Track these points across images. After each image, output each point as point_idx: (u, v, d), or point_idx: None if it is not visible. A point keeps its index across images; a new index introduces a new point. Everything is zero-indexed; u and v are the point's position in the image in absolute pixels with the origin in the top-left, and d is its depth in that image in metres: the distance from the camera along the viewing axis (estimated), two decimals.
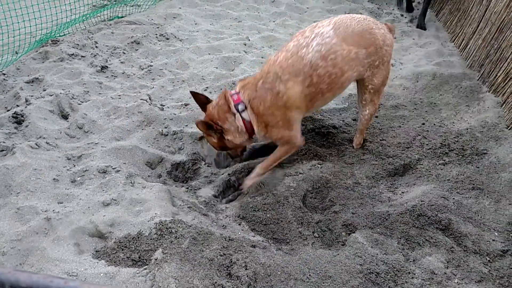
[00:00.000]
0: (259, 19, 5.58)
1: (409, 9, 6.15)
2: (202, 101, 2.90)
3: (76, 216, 2.54)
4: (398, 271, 2.31)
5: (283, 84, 2.70)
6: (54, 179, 2.80)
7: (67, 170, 2.92)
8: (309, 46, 2.74)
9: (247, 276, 2.19)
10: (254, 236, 2.58)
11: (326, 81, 2.77)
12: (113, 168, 2.88)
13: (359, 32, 2.84)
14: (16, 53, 4.15)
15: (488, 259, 2.46)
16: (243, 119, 2.78)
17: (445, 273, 2.32)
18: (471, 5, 4.88)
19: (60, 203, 2.65)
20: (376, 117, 3.67)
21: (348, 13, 4.59)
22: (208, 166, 3.18)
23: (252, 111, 2.77)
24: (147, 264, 2.25)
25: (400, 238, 2.53)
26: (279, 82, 2.70)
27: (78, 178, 2.86)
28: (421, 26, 5.54)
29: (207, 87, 3.98)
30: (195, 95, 2.89)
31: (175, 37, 4.85)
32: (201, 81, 4.07)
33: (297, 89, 2.72)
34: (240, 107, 2.76)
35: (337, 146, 3.29)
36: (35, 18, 4.19)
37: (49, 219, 2.49)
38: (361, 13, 5.85)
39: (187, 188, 2.92)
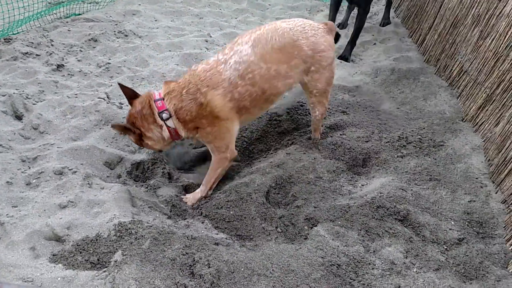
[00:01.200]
0: (221, 16, 5.55)
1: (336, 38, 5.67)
2: (129, 95, 2.80)
3: (31, 220, 2.45)
4: (359, 263, 2.35)
5: (203, 96, 2.65)
6: (7, 182, 2.69)
7: (22, 172, 2.81)
8: (227, 63, 2.71)
9: (210, 274, 2.17)
10: (217, 234, 2.57)
11: (247, 99, 2.75)
12: (69, 169, 2.79)
13: (279, 48, 2.78)
14: None
15: (445, 247, 2.54)
16: (167, 126, 2.72)
17: (404, 262, 2.38)
18: (427, 1, 5.02)
19: (15, 206, 2.54)
20: (330, 111, 3.71)
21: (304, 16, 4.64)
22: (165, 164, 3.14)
23: (178, 120, 2.71)
24: (106, 267, 2.20)
25: (360, 230, 2.57)
26: (199, 93, 2.65)
27: (34, 181, 2.76)
28: (345, 57, 4.80)
29: None
30: (122, 88, 2.79)
31: (134, 34, 4.75)
32: (161, 78, 4.00)
33: (218, 102, 2.68)
34: (165, 115, 2.67)
35: (299, 141, 3.31)
36: None
37: (3, 223, 2.39)
38: (322, 10, 5.92)
39: (147, 187, 2.87)
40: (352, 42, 4.75)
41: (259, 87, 2.75)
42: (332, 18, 4.94)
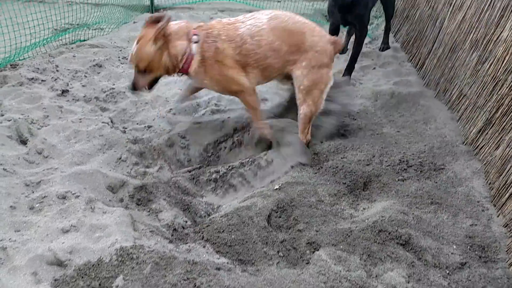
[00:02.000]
0: None
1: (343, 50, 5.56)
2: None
3: (34, 244, 2.45)
4: None
5: (221, 43, 3.13)
6: (11, 206, 2.71)
7: (25, 196, 2.83)
8: (244, 22, 3.22)
9: None
10: (219, 259, 2.56)
11: (252, 57, 3.21)
12: (73, 194, 2.82)
13: (289, 30, 3.27)
14: None
15: (447, 271, 2.53)
16: (191, 49, 3.10)
17: (406, 287, 2.37)
18: (426, 26, 5.12)
19: (17, 231, 2.55)
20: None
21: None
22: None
23: (199, 50, 3.12)
24: None
25: (363, 254, 2.57)
26: (219, 39, 3.13)
27: (37, 205, 2.77)
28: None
29: (171, 109, 3.98)
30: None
31: None
32: (165, 103, 4.06)
33: (229, 51, 3.15)
34: (195, 38, 3.10)
35: (300, 165, 3.34)
36: None
37: (5, 248, 2.40)
38: None
39: (149, 211, 2.89)
40: (351, 66, 4.78)
41: (262, 51, 3.21)
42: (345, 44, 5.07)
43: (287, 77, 3.48)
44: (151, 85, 3.25)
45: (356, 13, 4.51)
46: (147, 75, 3.13)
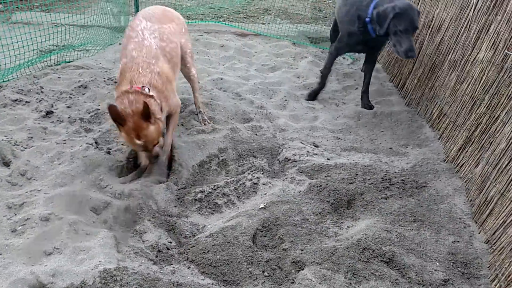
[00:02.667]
0: (209, 63, 5.72)
1: None
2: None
3: (15, 267, 2.42)
4: None
5: (156, 65, 3.20)
6: None
7: (7, 219, 2.80)
8: (144, 39, 3.31)
9: None
10: (203, 279, 2.55)
11: (174, 54, 3.51)
12: (56, 216, 2.79)
13: (162, 13, 3.70)
14: None
15: None
16: (154, 97, 3.12)
17: None
18: None
19: None
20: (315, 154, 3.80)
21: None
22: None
23: (155, 90, 3.14)
24: None
25: (347, 273, 2.58)
26: (152, 65, 3.18)
27: (19, 228, 2.74)
28: (369, 106, 4.79)
29: None
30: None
31: None
32: None
33: (166, 65, 3.32)
34: (147, 89, 3.07)
35: (284, 183, 3.36)
36: None
37: None
38: (306, 57, 6.14)
39: (133, 233, 2.87)
40: (367, 90, 4.87)
41: (173, 41, 3.55)
42: (328, 68, 4.96)
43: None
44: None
45: (382, 42, 4.71)
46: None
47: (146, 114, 2.93)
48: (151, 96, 3.09)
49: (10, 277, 2.35)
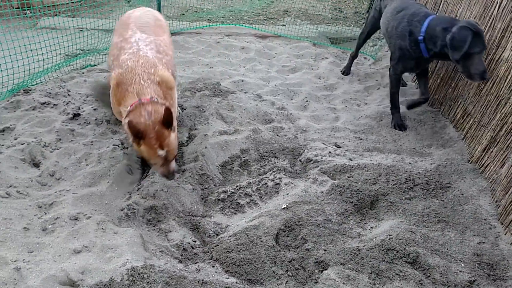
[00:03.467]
0: (230, 65, 5.77)
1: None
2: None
3: (46, 265, 2.51)
4: None
5: (156, 74, 3.09)
6: (24, 228, 2.78)
7: (38, 218, 2.90)
8: (139, 50, 3.20)
9: None
10: (227, 278, 2.59)
11: (171, 63, 3.39)
12: (84, 215, 2.88)
13: (155, 23, 3.60)
14: None
15: None
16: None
17: None
18: None
19: (31, 252, 2.61)
20: (338, 155, 3.80)
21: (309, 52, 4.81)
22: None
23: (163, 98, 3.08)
24: None
25: (371, 273, 2.59)
26: (151, 74, 3.06)
27: (49, 226, 2.83)
28: (401, 124, 4.40)
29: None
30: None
31: None
32: None
33: (166, 72, 3.18)
34: (155, 100, 2.96)
35: (307, 184, 3.38)
36: (7, 69, 4.24)
37: (19, 269, 2.45)
38: (326, 57, 6.14)
39: (159, 231, 2.93)
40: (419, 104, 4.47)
41: (168, 52, 3.46)
42: (396, 91, 4.49)
43: None
44: None
45: (431, 61, 4.33)
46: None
47: (168, 121, 2.85)
48: (164, 105, 2.97)
49: (42, 274, 2.44)
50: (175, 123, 3.05)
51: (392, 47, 4.35)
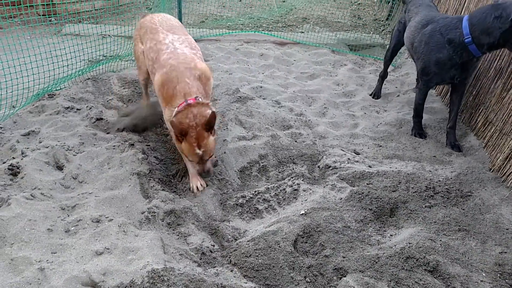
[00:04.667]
0: (249, 71, 5.82)
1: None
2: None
3: (69, 266, 2.56)
4: None
5: (196, 68, 3.30)
6: (48, 229, 2.84)
7: (61, 220, 2.96)
8: (176, 48, 3.43)
9: None
10: (246, 283, 2.60)
11: (202, 57, 3.62)
12: (106, 217, 2.93)
13: (179, 25, 3.87)
14: (13, 107, 4.27)
15: None
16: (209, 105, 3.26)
17: None
18: None
19: (54, 253, 2.67)
20: (357, 161, 3.79)
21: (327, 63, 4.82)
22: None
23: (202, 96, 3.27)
24: None
25: (390, 281, 2.57)
26: (192, 69, 3.28)
27: (72, 228, 2.90)
28: (456, 145, 4.13)
29: None
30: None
31: None
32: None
33: (204, 64, 3.43)
34: (200, 99, 3.18)
35: (325, 190, 3.38)
36: (33, 74, 4.35)
37: (43, 269, 2.51)
38: (345, 64, 6.14)
39: (178, 235, 2.96)
40: (455, 126, 4.21)
41: (198, 48, 3.67)
42: (422, 104, 4.34)
43: None
44: None
45: (478, 64, 4.09)
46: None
47: (210, 126, 3.12)
48: (207, 105, 3.22)
49: (65, 275, 2.49)
50: (215, 127, 3.26)
51: (424, 63, 4.11)
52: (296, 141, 4.17)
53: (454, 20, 3.90)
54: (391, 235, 3.00)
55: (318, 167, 3.78)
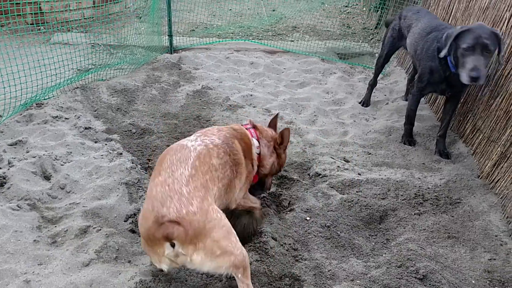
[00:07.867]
0: (239, 80, 5.82)
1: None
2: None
3: (56, 278, 2.52)
4: None
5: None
6: (34, 240, 2.80)
7: (48, 231, 2.92)
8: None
9: None
10: None
11: None
12: (93, 228, 2.90)
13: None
14: (0, 116, 4.22)
15: None
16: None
17: None
18: None
19: (40, 264, 2.63)
20: (346, 169, 3.79)
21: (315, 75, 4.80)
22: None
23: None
24: None
25: None
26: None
27: (59, 239, 2.86)
28: (445, 152, 4.13)
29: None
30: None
31: (158, 98, 5.01)
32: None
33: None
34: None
35: (315, 198, 3.37)
36: (20, 83, 4.32)
37: (29, 281, 2.47)
38: (335, 72, 6.17)
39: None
40: (445, 135, 4.20)
41: None
42: (414, 109, 4.34)
43: None
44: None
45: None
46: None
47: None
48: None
49: (51, 287, 2.45)
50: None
51: (421, 69, 4.12)
52: None
53: (451, 31, 3.77)
54: (381, 243, 2.99)
55: (308, 175, 3.78)
